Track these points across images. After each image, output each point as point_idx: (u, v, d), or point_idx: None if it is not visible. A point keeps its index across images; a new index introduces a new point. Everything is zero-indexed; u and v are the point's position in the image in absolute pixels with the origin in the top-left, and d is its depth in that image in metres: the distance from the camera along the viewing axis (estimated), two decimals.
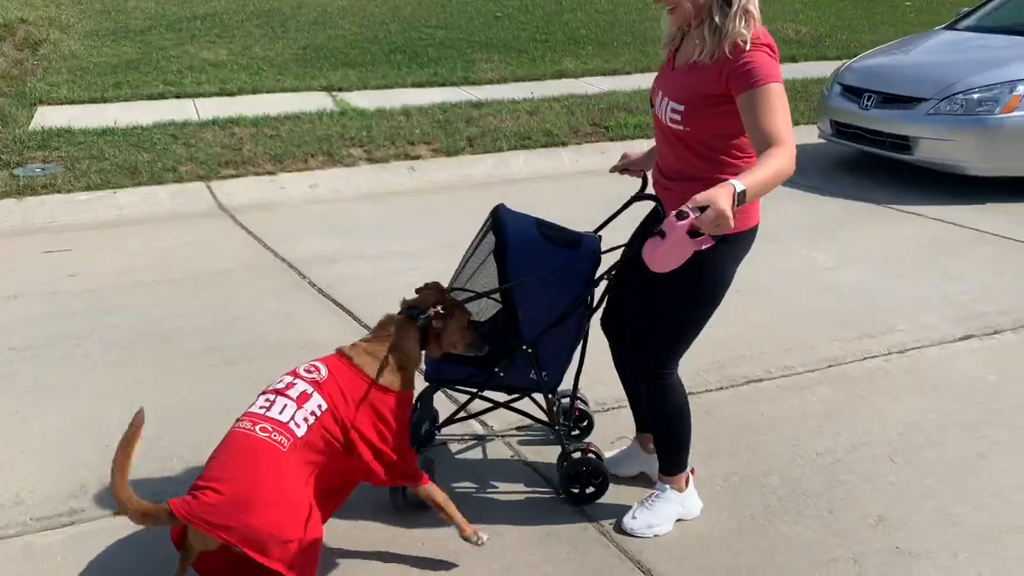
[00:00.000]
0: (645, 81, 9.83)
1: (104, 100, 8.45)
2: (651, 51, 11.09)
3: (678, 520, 3.02)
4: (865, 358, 4.14)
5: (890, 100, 6.61)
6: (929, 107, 6.42)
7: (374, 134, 7.66)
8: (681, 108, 2.58)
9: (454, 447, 3.48)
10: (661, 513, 2.99)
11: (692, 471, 3.07)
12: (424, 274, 3.18)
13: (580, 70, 10.28)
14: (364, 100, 8.81)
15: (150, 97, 8.68)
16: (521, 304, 2.84)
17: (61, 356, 4.17)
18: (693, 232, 2.17)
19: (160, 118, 7.82)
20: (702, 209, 2.14)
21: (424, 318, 2.68)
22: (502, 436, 3.52)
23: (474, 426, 3.56)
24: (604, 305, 3.07)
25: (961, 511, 3.08)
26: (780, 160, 2.33)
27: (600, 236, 3.00)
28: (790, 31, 12.42)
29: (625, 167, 3.12)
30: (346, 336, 3.91)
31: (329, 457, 2.46)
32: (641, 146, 4.68)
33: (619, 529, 2.98)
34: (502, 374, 2.97)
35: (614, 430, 3.50)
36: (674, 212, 2.19)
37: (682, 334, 2.83)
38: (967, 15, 7.93)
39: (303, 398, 2.44)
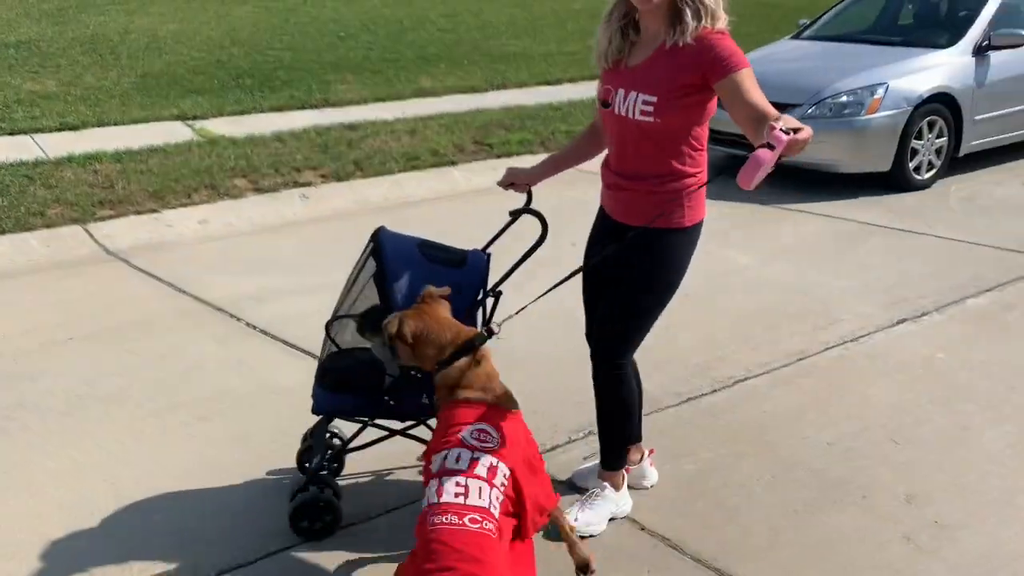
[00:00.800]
0: (507, 98, 9.99)
1: None
2: (501, 68, 11.26)
3: (611, 519, 3.04)
4: (826, 348, 4.38)
5: None
6: (802, 112, 6.92)
7: (255, 162, 7.27)
8: (654, 100, 2.63)
9: (357, 479, 3.33)
10: (600, 512, 3.02)
11: (627, 469, 3.13)
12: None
13: (439, 88, 10.25)
14: (227, 127, 8.35)
15: None
16: None
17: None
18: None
19: (4, 158, 7.05)
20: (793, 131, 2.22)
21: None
22: (404, 468, 3.37)
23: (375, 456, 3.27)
24: (587, 319, 3.10)
25: (970, 480, 3.33)
26: None
27: (488, 254, 2.97)
28: None
29: (511, 182, 3.11)
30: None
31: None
32: (526, 162, 4.68)
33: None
34: (392, 402, 2.87)
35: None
36: (779, 130, 2.22)
37: (641, 323, 2.88)
38: (808, 26, 8.62)
39: (492, 473, 2.24)
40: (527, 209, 3.01)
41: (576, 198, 4.54)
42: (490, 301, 2.93)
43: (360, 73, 10.57)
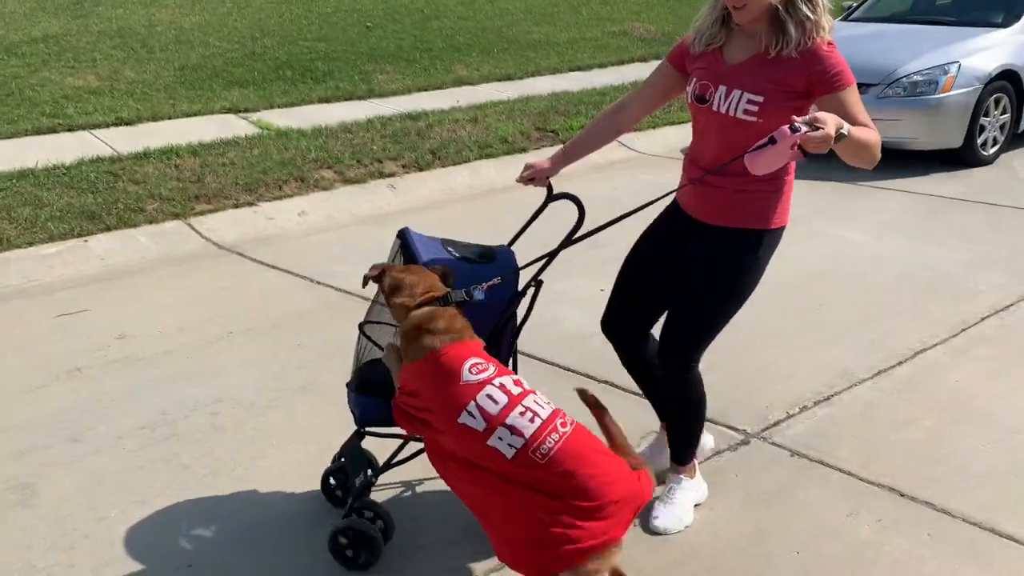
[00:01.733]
0: (545, 85, 10.03)
1: None
2: (531, 55, 11.29)
3: (696, 505, 3.05)
4: (983, 319, 4.54)
5: None
6: (878, 92, 7.09)
7: (336, 153, 7.22)
8: (760, 99, 2.57)
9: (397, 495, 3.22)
10: (683, 505, 3.03)
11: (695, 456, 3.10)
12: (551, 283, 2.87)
13: (475, 77, 10.24)
14: (283, 119, 8.25)
15: (37, 132, 7.60)
16: None
17: (207, 427, 3.64)
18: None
19: (78, 155, 6.89)
20: (812, 128, 2.26)
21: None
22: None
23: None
24: (606, 307, 3.06)
25: None
26: (876, 136, 2.53)
27: (512, 251, 2.90)
28: (640, 30, 13.10)
29: (531, 177, 3.01)
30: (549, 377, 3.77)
31: None
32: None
33: (651, 532, 2.95)
34: None
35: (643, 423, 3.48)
36: (789, 126, 2.26)
37: (715, 326, 2.86)
38: (854, 8, 8.80)
39: (520, 384, 2.43)
40: (563, 195, 2.90)
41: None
42: (531, 291, 2.81)
43: (396, 63, 10.51)
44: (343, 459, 3.01)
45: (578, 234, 2.78)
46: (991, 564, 2.79)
